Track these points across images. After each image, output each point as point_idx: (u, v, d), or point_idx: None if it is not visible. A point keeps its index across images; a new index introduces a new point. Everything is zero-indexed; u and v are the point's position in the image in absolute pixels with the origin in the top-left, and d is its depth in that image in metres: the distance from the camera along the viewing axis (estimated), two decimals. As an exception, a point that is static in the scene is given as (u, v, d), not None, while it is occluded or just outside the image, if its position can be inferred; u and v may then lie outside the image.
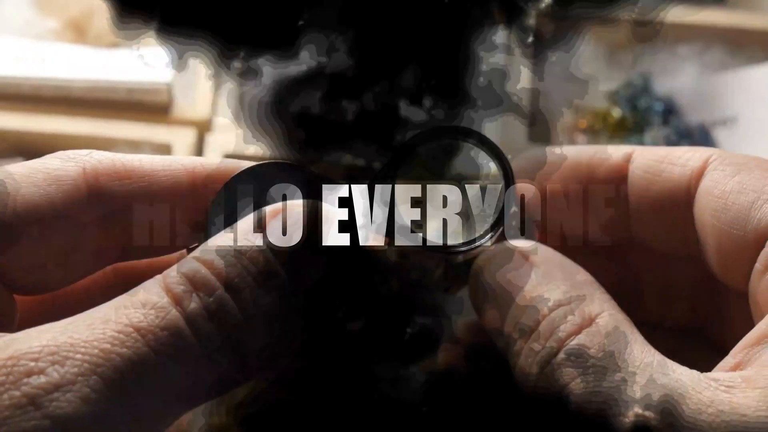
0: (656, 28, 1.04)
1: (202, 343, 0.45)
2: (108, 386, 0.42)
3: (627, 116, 1.23)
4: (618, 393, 0.47)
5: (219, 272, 0.46)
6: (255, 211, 0.49)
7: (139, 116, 1.18)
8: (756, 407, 0.44)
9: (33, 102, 1.19)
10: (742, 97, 1.24)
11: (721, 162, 0.54)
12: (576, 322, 0.51)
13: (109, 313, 0.44)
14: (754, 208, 0.51)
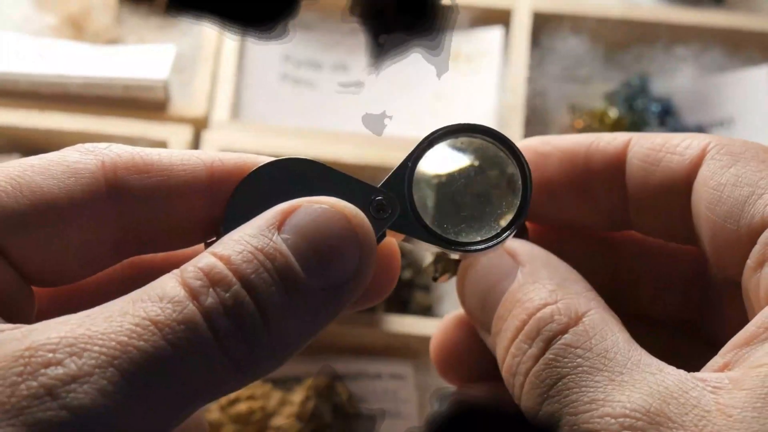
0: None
1: (218, 338, 0.44)
2: (125, 378, 0.42)
3: (624, 117, 1.23)
4: (604, 393, 0.47)
5: (236, 268, 0.46)
6: (273, 206, 0.49)
7: (135, 113, 1.19)
8: (742, 408, 0.44)
9: (30, 98, 1.19)
10: (740, 99, 1.24)
11: (718, 151, 0.53)
12: (563, 321, 0.51)
13: (127, 306, 0.44)
14: (748, 203, 0.51)
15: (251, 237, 0.47)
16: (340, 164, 1.13)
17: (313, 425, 1.00)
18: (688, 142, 0.55)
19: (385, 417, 1.06)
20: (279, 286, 0.46)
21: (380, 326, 1.06)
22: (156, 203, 0.51)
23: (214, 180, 0.52)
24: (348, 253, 0.48)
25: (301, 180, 0.52)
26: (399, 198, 0.53)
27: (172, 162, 0.51)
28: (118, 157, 0.50)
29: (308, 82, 1.28)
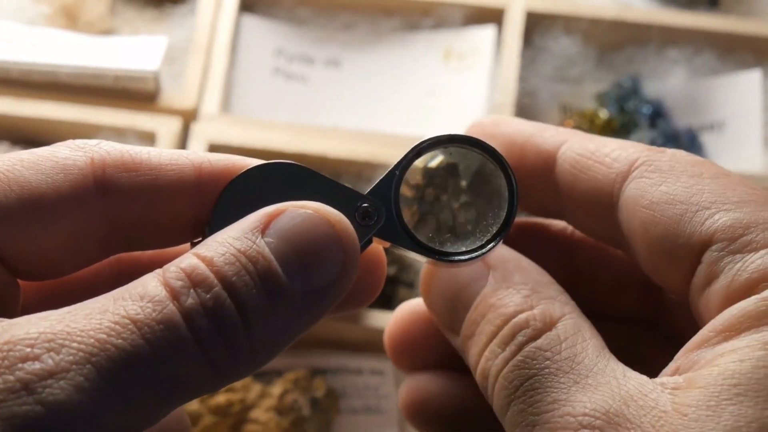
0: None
1: (197, 339, 0.45)
2: (101, 376, 0.42)
3: (614, 118, 1.23)
4: (567, 394, 0.48)
5: (218, 270, 0.46)
6: (258, 210, 0.49)
7: (125, 103, 1.19)
8: (696, 407, 0.45)
9: (21, 86, 1.19)
10: (731, 102, 1.24)
11: (647, 168, 0.53)
12: (537, 327, 0.51)
13: (107, 304, 0.45)
14: (683, 221, 0.51)
15: (235, 239, 0.47)
16: (327, 159, 1.14)
17: (291, 418, 1.00)
18: (617, 153, 0.55)
19: (366, 412, 1.06)
20: (260, 289, 0.46)
21: (362, 322, 1.06)
22: (144, 202, 0.51)
23: (202, 181, 0.52)
24: (331, 259, 0.48)
25: (288, 184, 0.52)
26: (385, 206, 0.53)
27: (161, 162, 0.51)
28: (108, 154, 0.51)
29: (300, 77, 1.28)
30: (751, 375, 0.45)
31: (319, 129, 1.18)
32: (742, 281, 0.48)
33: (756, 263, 0.48)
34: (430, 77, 1.26)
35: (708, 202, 0.50)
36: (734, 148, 1.22)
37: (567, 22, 1.26)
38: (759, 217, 0.49)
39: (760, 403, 0.44)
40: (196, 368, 0.45)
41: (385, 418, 1.06)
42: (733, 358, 0.46)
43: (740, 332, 0.47)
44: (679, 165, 0.53)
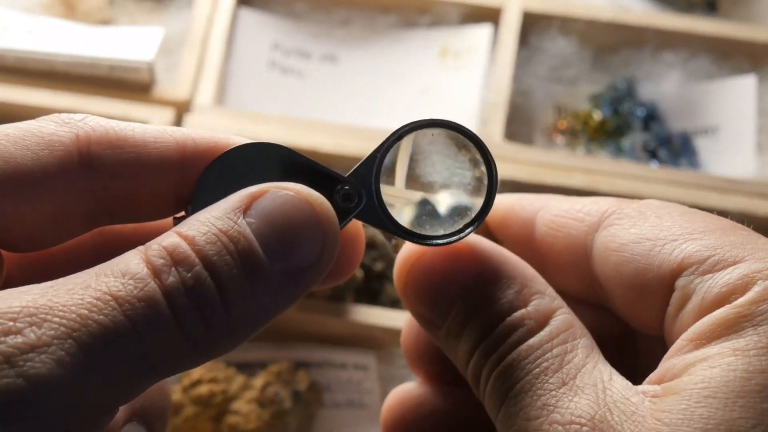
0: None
1: (177, 317, 0.45)
2: (82, 351, 0.43)
3: (608, 120, 1.23)
4: (555, 398, 0.49)
5: (199, 249, 0.46)
6: (241, 189, 0.50)
7: (119, 93, 1.19)
8: (670, 411, 0.46)
9: (16, 73, 1.20)
10: (725, 107, 1.24)
11: (618, 216, 0.54)
12: (531, 326, 0.52)
13: (89, 280, 0.45)
14: (652, 255, 0.52)
15: (216, 219, 0.48)
16: (318, 153, 1.14)
17: (272, 411, 1.00)
18: (589, 208, 0.56)
19: (349, 407, 1.07)
20: (240, 269, 0.47)
21: (347, 316, 1.06)
22: (127, 178, 0.51)
23: (186, 158, 0.52)
24: (310, 240, 0.49)
25: (271, 165, 0.52)
26: (366, 188, 0.53)
27: (146, 139, 0.52)
28: (93, 130, 0.51)
29: (296, 72, 1.28)
30: (720, 379, 0.45)
31: (310, 123, 1.19)
32: (713, 296, 0.49)
33: (725, 279, 0.49)
34: (425, 75, 1.26)
35: (675, 235, 0.51)
36: (727, 153, 1.22)
37: (563, 23, 1.26)
38: (725, 241, 0.50)
39: (728, 406, 0.44)
40: (175, 345, 0.45)
41: (368, 413, 1.06)
42: (703, 365, 0.47)
43: (711, 340, 0.48)
44: (647, 210, 0.54)
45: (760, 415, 0.44)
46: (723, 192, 1.14)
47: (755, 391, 0.45)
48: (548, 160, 1.16)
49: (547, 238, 0.58)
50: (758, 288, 0.47)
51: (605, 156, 1.21)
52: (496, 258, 0.55)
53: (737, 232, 0.51)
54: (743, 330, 0.47)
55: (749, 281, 0.48)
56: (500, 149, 1.16)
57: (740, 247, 0.50)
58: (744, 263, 0.49)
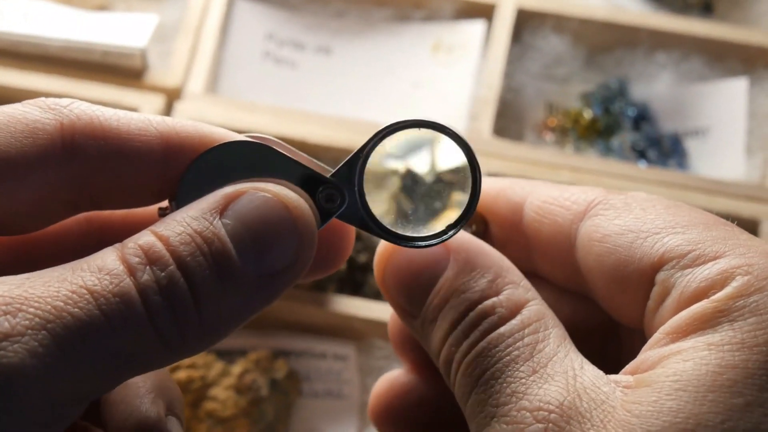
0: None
1: (150, 315, 0.45)
2: (56, 342, 0.43)
3: (598, 119, 1.23)
4: (524, 386, 0.49)
5: (173, 249, 0.47)
6: (221, 187, 0.50)
7: (112, 79, 1.20)
8: (640, 403, 0.46)
9: (10, 56, 1.20)
10: (717, 109, 1.24)
11: (603, 206, 0.55)
12: (503, 314, 0.52)
13: (66, 273, 0.45)
14: (634, 247, 0.52)
15: (192, 219, 0.48)
16: (307, 144, 1.14)
17: (249, 398, 1.01)
18: (576, 197, 0.56)
19: (327, 397, 1.07)
20: (213, 271, 0.47)
21: (329, 306, 1.06)
22: (110, 168, 0.52)
23: (170, 150, 0.52)
24: (285, 244, 0.49)
25: (255, 162, 0.52)
26: (349, 189, 0.53)
27: (130, 130, 0.52)
28: (78, 119, 0.51)
29: (290, 62, 1.28)
30: (692, 373, 0.46)
31: (300, 113, 1.19)
32: (692, 290, 0.49)
33: (704, 273, 0.49)
34: (417, 69, 1.27)
35: (658, 228, 0.52)
36: (717, 155, 1.22)
37: (557, 21, 1.26)
38: (707, 236, 0.50)
39: (698, 399, 0.45)
40: (147, 342, 0.46)
41: (347, 403, 1.07)
42: (677, 359, 0.47)
43: (688, 334, 0.48)
44: (633, 201, 0.54)
45: (729, 410, 0.44)
46: (709, 193, 1.14)
47: (726, 386, 0.45)
48: (536, 157, 1.16)
49: (534, 224, 0.58)
50: (736, 283, 0.48)
51: (594, 155, 1.21)
52: (471, 249, 0.56)
53: (720, 227, 0.51)
54: (719, 325, 0.47)
55: (728, 276, 0.48)
56: (488, 145, 1.16)
57: (721, 242, 0.50)
58: (724, 258, 0.49)
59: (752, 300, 0.47)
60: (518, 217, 0.59)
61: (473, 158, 0.54)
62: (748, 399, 0.44)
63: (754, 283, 0.47)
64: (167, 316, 0.46)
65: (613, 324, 0.58)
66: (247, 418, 1.01)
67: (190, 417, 1.01)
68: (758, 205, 1.13)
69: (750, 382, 0.45)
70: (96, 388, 0.46)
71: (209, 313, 0.47)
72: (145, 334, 0.46)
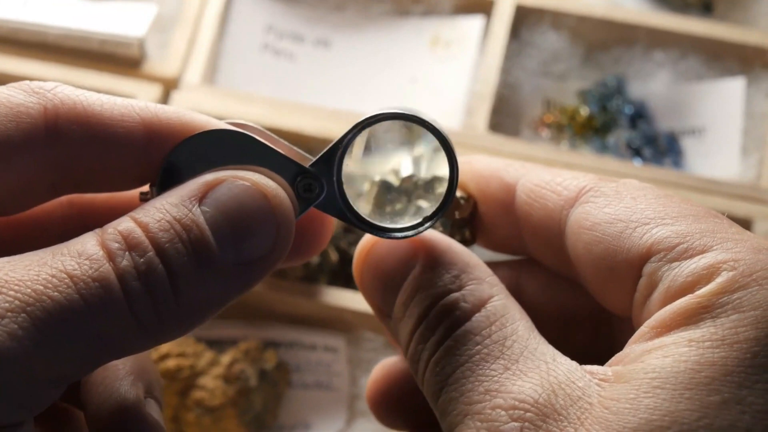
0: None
1: (129, 300, 0.46)
2: (35, 325, 0.44)
3: (595, 116, 1.23)
4: (498, 383, 0.49)
5: (152, 236, 0.47)
6: (202, 174, 0.50)
7: (109, 68, 1.20)
8: (618, 399, 0.46)
9: (8, 43, 1.21)
10: (713, 109, 1.23)
11: (594, 193, 0.54)
12: (466, 309, 0.52)
13: (46, 257, 0.46)
14: (623, 237, 0.52)
15: (172, 206, 0.49)
16: (302, 135, 1.15)
17: (237, 388, 1.01)
18: (568, 182, 0.56)
19: (317, 388, 1.07)
20: (191, 257, 0.48)
21: (319, 298, 1.06)
22: (92, 153, 0.52)
23: (151, 136, 0.53)
24: (263, 232, 0.50)
25: (235, 150, 0.53)
26: (327, 179, 0.54)
27: (113, 116, 0.52)
28: (61, 103, 0.51)
29: (289, 54, 1.28)
30: (671, 370, 0.45)
31: (296, 105, 1.19)
32: (678, 285, 0.49)
33: (691, 268, 0.49)
34: (415, 63, 1.27)
35: (647, 219, 0.51)
36: (712, 154, 1.22)
37: (555, 18, 1.26)
38: (696, 228, 0.50)
39: (675, 397, 0.44)
40: (125, 327, 0.46)
41: (336, 395, 1.07)
42: (657, 354, 0.47)
43: (671, 329, 0.48)
44: (624, 190, 0.54)
45: (706, 407, 0.44)
46: (703, 192, 1.14)
47: (703, 384, 0.45)
48: (531, 152, 1.16)
49: (524, 207, 0.58)
50: (721, 279, 0.47)
51: (589, 152, 1.21)
52: (438, 247, 0.56)
53: (709, 219, 0.51)
54: (702, 321, 0.47)
55: (714, 271, 0.48)
56: (483, 140, 1.16)
57: (710, 236, 0.49)
58: (711, 252, 0.49)
59: (736, 297, 0.47)
60: (510, 198, 0.58)
61: (451, 152, 0.54)
62: (726, 396, 0.44)
63: (738, 280, 0.47)
64: (145, 302, 0.46)
65: (606, 311, 0.58)
66: (235, 407, 1.01)
67: (179, 406, 1.01)
68: (752, 205, 1.13)
69: (728, 380, 0.45)
70: (74, 372, 0.46)
71: (187, 299, 0.48)
72: (123, 318, 0.46)
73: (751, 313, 0.46)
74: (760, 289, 0.47)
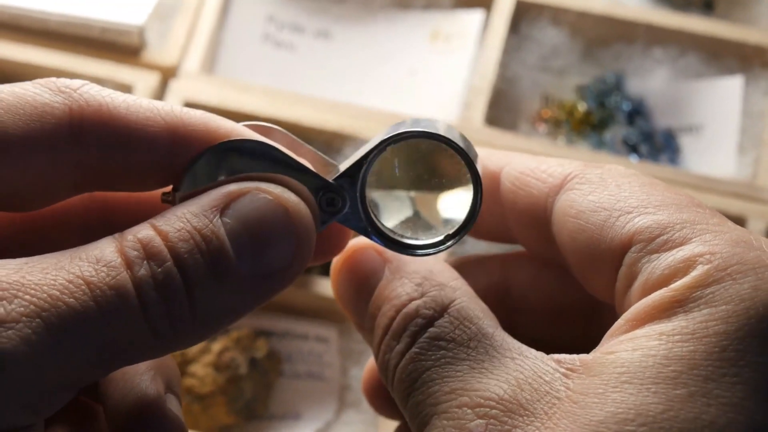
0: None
1: (145, 309, 0.46)
2: (49, 331, 0.44)
3: (593, 112, 1.23)
4: (463, 382, 0.49)
5: (172, 246, 0.47)
6: (224, 185, 0.50)
7: (109, 55, 1.21)
8: (585, 393, 0.46)
9: (10, 30, 1.21)
10: (711, 107, 1.24)
11: (579, 180, 0.54)
12: (428, 315, 0.52)
13: (64, 261, 0.46)
14: (606, 226, 0.52)
15: (193, 216, 0.48)
16: (299, 126, 1.15)
17: (228, 376, 1.01)
18: (553, 169, 0.56)
19: (308, 378, 1.08)
20: (210, 269, 0.47)
21: (313, 288, 1.07)
22: (115, 156, 0.52)
23: (176, 141, 0.52)
24: (283, 246, 0.49)
25: (261, 160, 0.52)
26: (351, 194, 0.54)
27: (138, 119, 0.52)
28: (87, 104, 0.51)
29: (289, 46, 1.29)
30: (639, 363, 0.46)
31: (294, 96, 1.20)
32: (655, 277, 0.49)
33: (669, 260, 0.49)
34: (415, 56, 1.27)
35: (631, 207, 0.51)
36: (709, 152, 1.22)
37: (555, 13, 1.26)
38: (677, 218, 0.50)
39: (642, 391, 0.45)
40: (139, 336, 0.46)
41: (327, 386, 1.07)
42: (627, 347, 0.47)
43: (645, 323, 0.48)
44: (609, 177, 0.54)
45: (671, 400, 0.44)
46: (697, 189, 1.14)
47: (670, 378, 0.45)
48: (526, 147, 1.16)
49: (509, 194, 0.57)
50: (696, 273, 0.47)
51: (585, 147, 1.21)
52: (403, 257, 0.56)
53: (692, 209, 0.51)
54: (675, 315, 0.47)
55: (690, 264, 0.48)
56: (479, 133, 1.16)
57: (689, 227, 0.49)
58: (689, 245, 0.49)
59: (709, 291, 0.47)
60: (495, 186, 0.58)
61: (477, 175, 0.53)
62: (692, 390, 0.44)
63: (713, 273, 0.47)
64: (161, 311, 0.46)
65: (596, 303, 0.58)
66: (225, 395, 1.01)
67: (169, 392, 1.02)
68: (746, 203, 1.13)
69: (695, 373, 0.45)
70: (86, 377, 0.47)
71: (203, 309, 0.47)
72: (138, 327, 0.46)
73: (723, 307, 0.46)
74: (733, 283, 0.47)
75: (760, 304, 0.46)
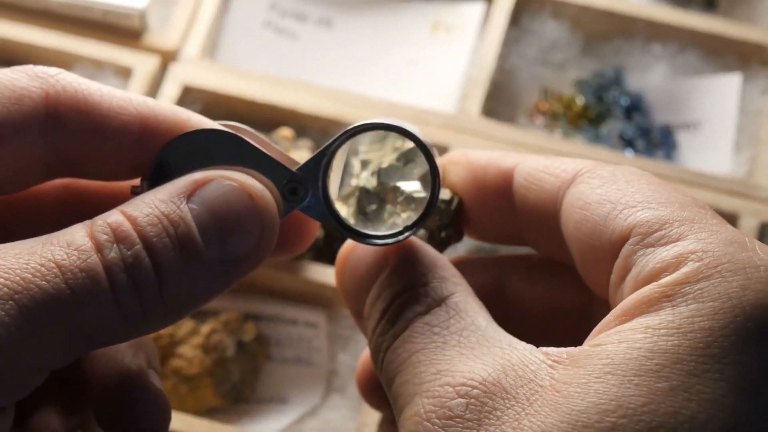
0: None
1: (114, 292, 0.47)
2: (22, 313, 0.45)
3: (591, 106, 1.23)
4: (449, 364, 0.50)
5: (141, 230, 0.49)
6: (191, 173, 0.52)
7: (110, 38, 1.21)
8: (569, 383, 0.46)
9: (12, 10, 1.22)
10: (709, 104, 1.23)
11: (590, 175, 0.55)
12: (427, 302, 0.53)
13: (36, 246, 0.47)
14: (609, 218, 0.52)
15: (160, 201, 0.50)
16: (296, 112, 1.16)
17: (215, 358, 1.02)
18: (566, 165, 0.57)
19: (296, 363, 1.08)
20: (177, 252, 0.49)
21: (302, 273, 1.07)
22: (88, 141, 0.54)
23: (146, 131, 0.54)
24: (248, 231, 0.51)
25: (225, 151, 0.54)
26: (313, 184, 0.55)
27: (111, 108, 0.54)
28: (63, 91, 0.53)
29: (291, 33, 1.29)
30: (623, 355, 0.46)
31: (292, 82, 1.20)
32: (647, 272, 0.49)
33: (662, 255, 0.49)
34: (415, 47, 1.27)
35: (635, 201, 0.52)
36: (706, 149, 1.22)
37: (556, 7, 1.26)
38: (677, 216, 0.50)
39: (625, 383, 0.45)
40: (109, 318, 0.48)
41: (315, 371, 1.07)
42: (613, 340, 0.47)
43: (633, 317, 0.48)
44: (619, 173, 0.54)
45: (653, 394, 0.44)
46: (692, 185, 1.14)
47: (653, 371, 0.45)
48: (523, 139, 1.17)
49: (521, 190, 0.58)
50: (686, 269, 0.48)
51: (582, 141, 1.21)
52: (410, 251, 0.57)
53: (692, 208, 0.51)
54: (662, 309, 0.47)
55: (681, 261, 0.48)
56: (475, 124, 1.17)
57: (687, 225, 0.50)
58: (683, 242, 0.49)
59: (698, 287, 0.47)
60: (508, 184, 0.59)
61: (434, 166, 0.55)
62: (674, 384, 0.45)
63: (703, 270, 0.47)
64: (131, 294, 0.48)
65: (590, 304, 0.59)
66: (212, 377, 1.02)
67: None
68: (739, 200, 1.13)
69: (678, 368, 0.45)
70: (58, 360, 0.48)
71: (171, 292, 0.49)
72: (109, 309, 0.47)
73: (710, 304, 0.46)
74: (722, 281, 0.47)
75: (747, 303, 0.46)
